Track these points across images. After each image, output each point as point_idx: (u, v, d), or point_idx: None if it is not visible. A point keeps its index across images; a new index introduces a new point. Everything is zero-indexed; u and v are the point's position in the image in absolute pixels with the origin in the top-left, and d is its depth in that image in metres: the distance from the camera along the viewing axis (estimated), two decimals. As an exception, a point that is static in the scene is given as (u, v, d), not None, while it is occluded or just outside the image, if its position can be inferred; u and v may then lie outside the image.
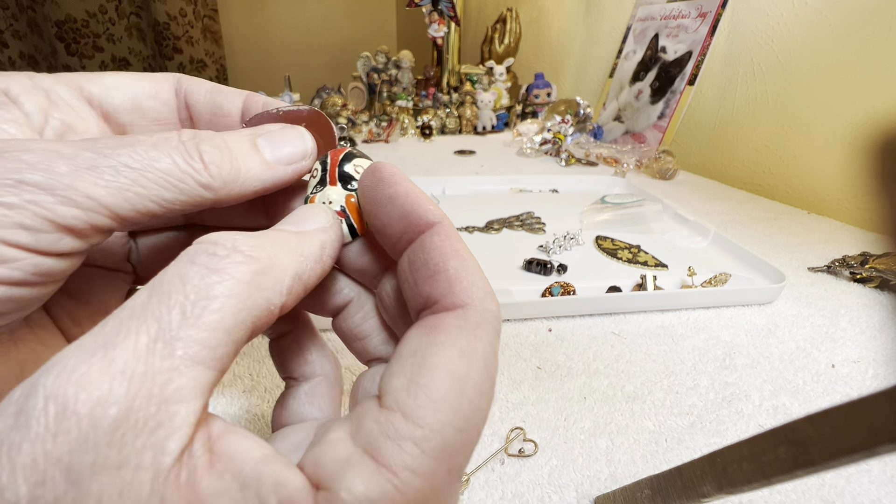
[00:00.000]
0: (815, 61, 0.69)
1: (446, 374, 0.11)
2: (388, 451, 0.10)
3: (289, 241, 0.12)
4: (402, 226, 0.14)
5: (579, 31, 1.26)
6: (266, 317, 0.11)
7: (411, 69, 1.24)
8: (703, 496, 0.16)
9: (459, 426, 0.10)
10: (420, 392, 0.10)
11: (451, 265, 0.12)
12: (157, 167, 0.12)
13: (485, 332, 0.12)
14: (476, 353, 0.11)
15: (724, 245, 0.50)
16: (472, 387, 0.11)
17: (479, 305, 0.12)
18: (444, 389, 0.10)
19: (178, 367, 0.09)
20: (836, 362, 0.34)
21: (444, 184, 0.70)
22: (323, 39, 2.27)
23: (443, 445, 0.10)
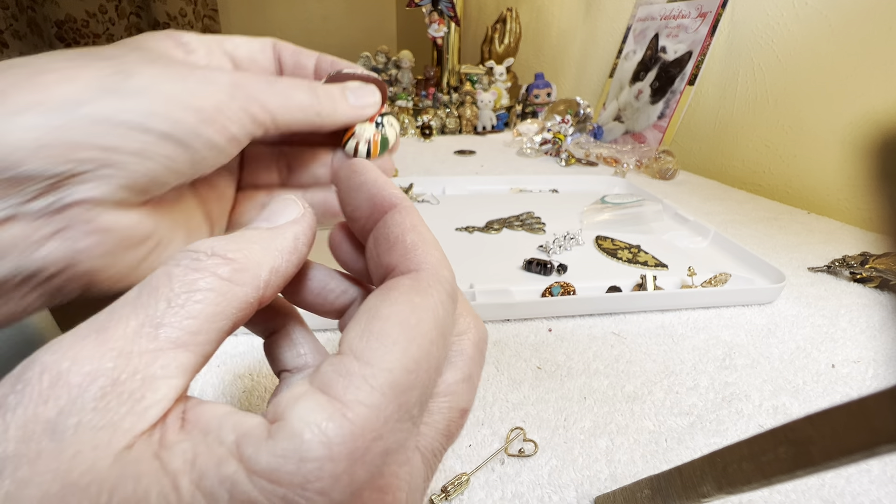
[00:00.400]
0: (815, 61, 0.69)
1: (397, 322, 0.12)
2: (338, 385, 0.10)
3: (263, 239, 0.14)
4: (369, 208, 0.15)
5: (579, 31, 1.26)
6: (246, 308, 0.12)
7: (411, 69, 1.24)
8: (703, 496, 0.16)
9: (409, 367, 0.11)
10: (371, 337, 0.11)
11: (409, 237, 0.14)
12: (298, 97, 0.18)
13: (436, 290, 0.13)
14: (426, 306, 0.12)
15: (724, 245, 0.50)
16: (422, 334, 0.12)
17: (431, 269, 0.13)
18: (394, 335, 0.11)
19: (163, 348, 0.10)
20: (836, 362, 0.34)
21: (444, 184, 0.70)
22: (323, 39, 2.27)
23: (391, 383, 0.11)
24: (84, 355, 0.10)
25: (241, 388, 0.30)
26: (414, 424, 0.12)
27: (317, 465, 0.09)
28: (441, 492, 0.23)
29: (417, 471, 0.12)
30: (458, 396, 0.14)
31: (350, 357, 0.11)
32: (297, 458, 0.09)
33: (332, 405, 0.10)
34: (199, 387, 0.30)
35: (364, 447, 0.10)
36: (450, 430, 0.14)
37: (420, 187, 0.69)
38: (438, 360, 0.12)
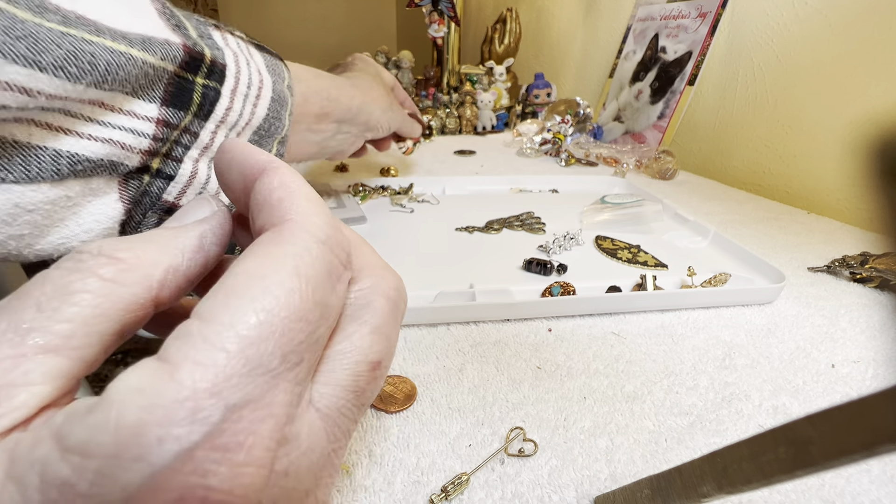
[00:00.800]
0: (815, 61, 0.69)
1: (245, 276, 0.11)
2: (171, 348, 0.10)
3: (163, 238, 0.13)
4: (241, 182, 0.14)
5: (579, 32, 1.26)
6: (136, 310, 0.12)
7: (411, 69, 1.24)
8: (703, 496, 0.16)
9: (259, 318, 0.10)
10: (218, 296, 0.10)
11: (276, 194, 0.13)
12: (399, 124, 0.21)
13: (300, 238, 0.12)
14: (284, 254, 0.11)
15: (723, 245, 0.50)
16: (277, 283, 0.11)
17: (297, 218, 0.12)
18: (240, 287, 0.10)
19: (26, 354, 0.10)
20: (836, 362, 0.34)
21: (444, 184, 0.70)
22: (323, 39, 2.28)
23: (234, 336, 0.10)
24: None
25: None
26: (279, 377, 0.10)
27: (132, 430, 0.08)
28: (441, 491, 0.23)
29: (314, 429, 0.11)
30: (363, 349, 0.13)
31: (192, 319, 0.10)
32: (111, 426, 0.08)
33: (158, 368, 0.09)
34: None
35: (193, 405, 0.09)
36: (358, 386, 0.13)
37: (420, 187, 0.69)
38: (307, 309, 0.11)
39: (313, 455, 0.11)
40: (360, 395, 0.13)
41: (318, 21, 2.25)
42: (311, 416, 0.11)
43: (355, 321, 0.13)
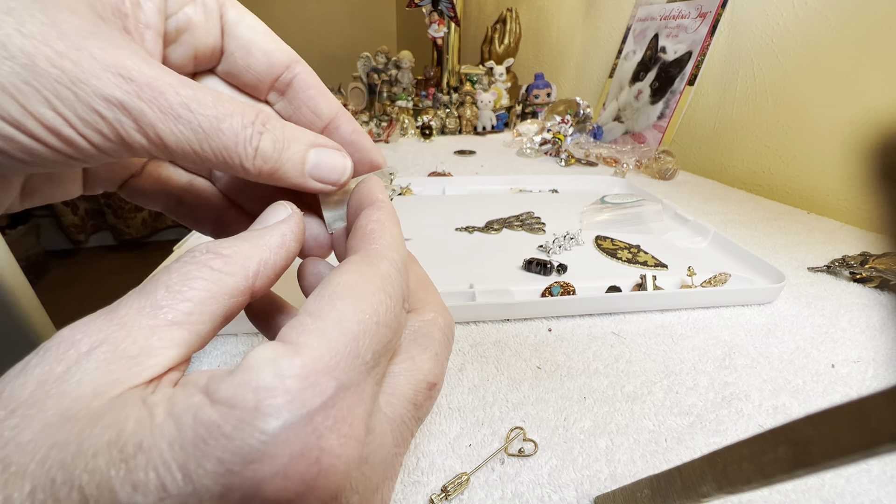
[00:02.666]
0: (815, 61, 0.69)
1: (344, 283, 0.13)
2: (291, 334, 0.12)
3: (252, 237, 0.15)
4: (357, 208, 0.17)
5: (579, 32, 1.26)
6: (237, 295, 0.14)
7: (411, 69, 1.25)
8: (703, 496, 0.16)
9: (358, 318, 0.12)
10: (322, 297, 0.13)
11: (371, 226, 0.16)
12: (220, 139, 0.15)
13: (383, 264, 0.14)
14: (373, 273, 0.14)
15: (723, 245, 0.50)
16: (370, 293, 0.13)
17: (381, 248, 0.15)
18: (343, 291, 0.13)
19: (160, 325, 0.12)
20: (836, 362, 0.34)
21: (444, 184, 0.70)
22: (323, 39, 2.28)
23: (341, 329, 0.12)
24: (94, 328, 0.11)
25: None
26: (368, 372, 0.12)
27: (268, 391, 0.10)
28: (441, 491, 0.23)
29: (384, 429, 0.13)
30: (423, 369, 0.15)
31: (303, 314, 0.12)
32: (252, 386, 0.11)
33: (284, 346, 0.11)
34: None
35: (314, 378, 0.11)
36: (417, 400, 0.15)
37: (420, 187, 0.69)
38: (389, 319, 0.13)
39: (383, 451, 0.13)
40: (418, 408, 0.15)
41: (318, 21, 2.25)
42: (381, 417, 0.13)
43: (418, 345, 0.16)
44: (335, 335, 0.12)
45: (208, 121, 0.14)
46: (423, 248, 0.49)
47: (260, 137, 0.15)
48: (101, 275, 1.89)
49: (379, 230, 0.16)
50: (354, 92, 1.28)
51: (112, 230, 2.06)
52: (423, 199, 0.65)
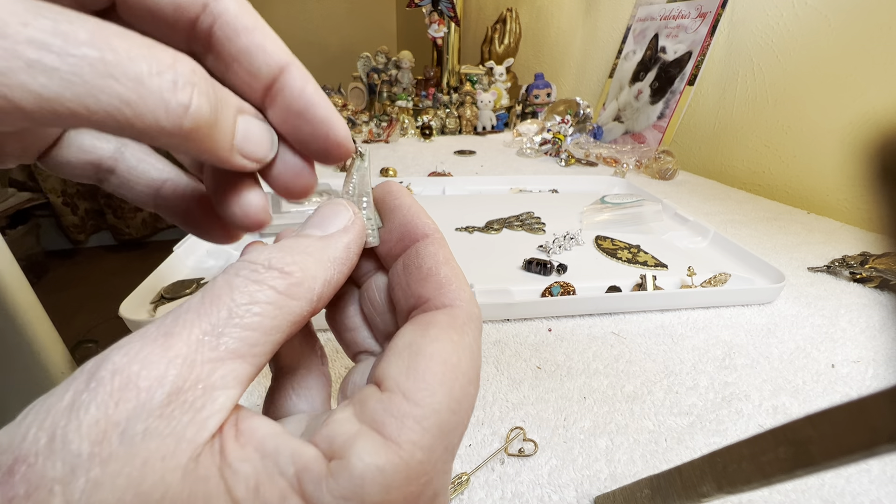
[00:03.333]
0: (815, 61, 0.69)
1: (440, 362, 0.12)
2: (392, 426, 0.11)
3: (316, 249, 0.13)
4: (400, 233, 0.16)
5: (579, 32, 1.26)
6: (299, 322, 0.12)
7: (411, 69, 1.25)
8: (703, 496, 0.16)
9: (453, 408, 0.12)
10: (418, 376, 0.12)
11: (443, 271, 0.14)
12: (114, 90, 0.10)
13: (470, 328, 0.14)
14: (465, 345, 0.13)
15: (723, 245, 0.50)
16: (463, 374, 0.12)
17: (465, 306, 0.14)
18: (439, 375, 0.12)
19: (223, 358, 0.11)
20: (836, 362, 0.34)
21: (444, 184, 0.70)
22: (323, 39, 2.28)
23: (439, 424, 0.11)
24: (152, 360, 0.10)
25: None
26: (453, 460, 0.12)
27: (379, 499, 0.10)
28: (441, 492, 0.23)
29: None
30: None
31: (399, 396, 0.12)
32: (358, 500, 0.10)
33: (388, 447, 0.11)
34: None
35: (418, 491, 0.11)
36: None
37: (420, 187, 0.69)
38: (475, 399, 0.13)
39: None
40: None
41: (318, 21, 2.25)
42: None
43: None
44: (435, 431, 0.11)
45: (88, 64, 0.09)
46: (423, 248, 0.49)
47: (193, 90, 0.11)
48: (101, 275, 1.89)
49: (454, 278, 0.14)
50: (354, 92, 1.28)
51: (112, 230, 2.06)
52: (423, 199, 0.65)
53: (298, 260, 0.13)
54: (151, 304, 0.38)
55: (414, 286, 0.15)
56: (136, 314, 0.36)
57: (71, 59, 0.09)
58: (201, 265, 0.45)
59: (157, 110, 0.10)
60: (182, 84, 0.11)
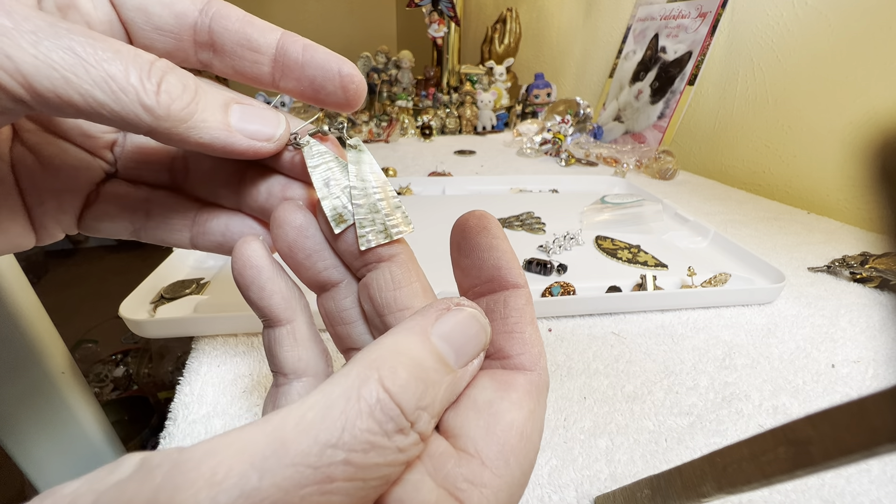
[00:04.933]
0: (815, 61, 0.69)
1: (518, 433, 0.13)
2: (471, 495, 0.11)
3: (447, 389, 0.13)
4: (489, 275, 0.15)
5: (579, 31, 1.26)
6: None
7: (411, 69, 1.24)
8: (703, 496, 0.16)
9: (522, 482, 0.12)
10: (497, 443, 0.12)
11: (528, 330, 0.15)
12: (105, 68, 0.11)
13: (544, 398, 0.14)
14: (538, 417, 0.13)
15: (723, 245, 0.50)
16: (534, 447, 0.13)
17: (542, 374, 0.14)
18: (516, 447, 0.12)
19: None
20: (836, 362, 0.34)
21: (444, 184, 0.70)
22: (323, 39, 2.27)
23: (509, 494, 0.12)
24: None
25: (241, 387, 0.30)
26: None
27: None
28: (441, 492, 0.23)
29: None
30: None
31: (477, 462, 0.12)
32: None
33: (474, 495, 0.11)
34: (199, 387, 0.30)
35: None
36: None
37: (420, 187, 0.69)
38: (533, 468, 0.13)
39: None
40: None
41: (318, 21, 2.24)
42: None
43: None
44: (504, 500, 0.12)
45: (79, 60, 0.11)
46: (424, 248, 0.49)
47: (162, 76, 0.12)
48: (101, 275, 1.89)
49: (537, 342, 0.14)
50: (354, 92, 1.28)
51: (112, 230, 2.06)
52: (423, 199, 0.65)
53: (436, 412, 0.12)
54: (151, 304, 0.38)
55: (496, 336, 0.15)
56: (136, 314, 0.36)
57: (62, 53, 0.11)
58: (201, 265, 0.45)
59: (139, 86, 0.11)
60: (155, 70, 0.12)
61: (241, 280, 0.15)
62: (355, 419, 0.10)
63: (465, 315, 0.13)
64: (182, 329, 0.34)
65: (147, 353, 1.16)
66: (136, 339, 1.23)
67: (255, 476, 0.09)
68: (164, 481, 0.08)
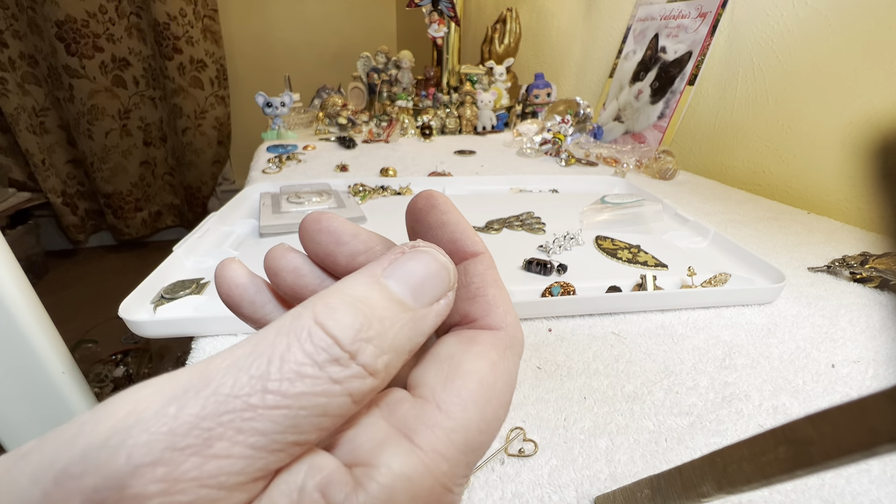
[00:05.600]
0: (815, 61, 0.69)
1: (478, 380, 0.12)
2: (423, 434, 0.11)
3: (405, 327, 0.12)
4: (447, 250, 0.15)
5: (579, 32, 1.26)
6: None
7: (411, 69, 1.24)
8: (703, 496, 0.16)
9: (482, 428, 0.12)
10: (454, 390, 0.12)
11: (491, 292, 0.14)
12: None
13: (512, 353, 0.14)
14: (504, 369, 0.13)
15: (723, 245, 0.50)
16: (497, 396, 0.12)
17: (510, 331, 0.14)
18: (475, 392, 0.12)
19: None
20: (836, 362, 0.34)
21: (444, 184, 0.70)
22: (323, 39, 2.27)
23: (466, 440, 0.11)
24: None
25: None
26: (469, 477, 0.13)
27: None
28: (441, 492, 0.23)
29: None
30: None
31: (433, 406, 0.12)
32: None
33: (416, 455, 0.11)
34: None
35: (437, 500, 0.11)
36: None
37: (420, 187, 0.69)
38: (503, 422, 0.13)
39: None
40: None
41: (318, 21, 2.24)
42: None
43: None
44: (461, 446, 0.11)
45: None
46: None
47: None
48: (101, 275, 1.89)
49: (502, 301, 0.14)
50: (354, 92, 1.28)
51: (112, 230, 2.06)
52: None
53: (387, 347, 0.11)
54: (151, 303, 0.38)
55: (460, 304, 0.14)
56: (136, 314, 0.36)
57: None
58: (201, 265, 0.45)
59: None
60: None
61: (231, 300, 0.16)
62: (283, 351, 0.10)
63: (420, 254, 0.13)
64: (182, 329, 0.34)
65: (147, 353, 1.17)
66: (136, 339, 1.23)
67: (174, 407, 0.09)
68: (90, 415, 0.09)
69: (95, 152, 1.83)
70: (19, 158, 1.77)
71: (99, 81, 1.74)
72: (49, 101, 1.77)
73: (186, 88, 1.85)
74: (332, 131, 1.12)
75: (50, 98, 1.76)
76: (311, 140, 1.04)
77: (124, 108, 1.84)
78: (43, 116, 1.77)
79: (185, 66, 1.83)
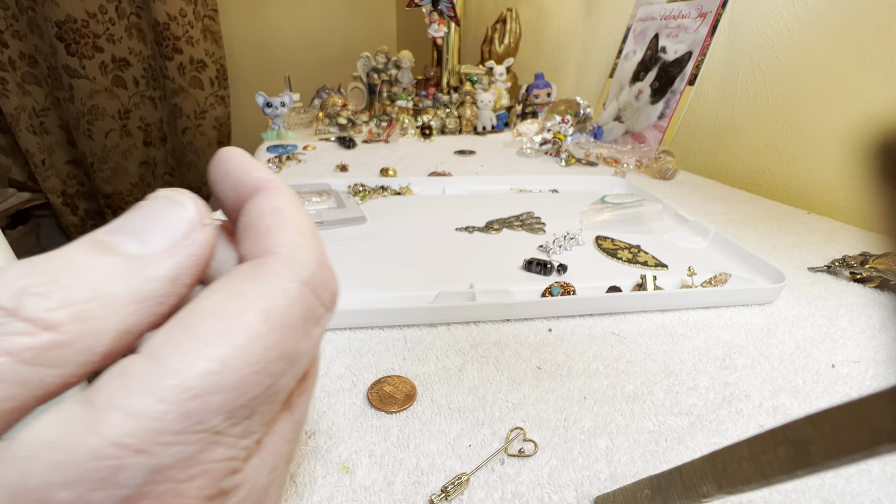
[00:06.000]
0: (815, 61, 0.69)
1: (210, 314, 0.09)
2: (105, 389, 0.08)
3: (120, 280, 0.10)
4: (234, 198, 0.12)
5: (579, 31, 1.26)
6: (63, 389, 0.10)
7: (411, 69, 1.24)
8: (703, 496, 0.16)
9: (213, 369, 0.09)
10: (174, 332, 0.09)
11: (265, 221, 0.11)
12: None
13: (281, 276, 0.10)
14: (259, 294, 0.10)
15: (724, 245, 0.50)
16: (242, 326, 0.09)
17: (284, 253, 0.11)
18: (197, 327, 0.09)
19: None
20: (836, 362, 0.34)
21: (444, 184, 0.70)
22: (323, 39, 2.27)
23: (177, 386, 0.08)
24: None
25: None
26: (215, 436, 0.09)
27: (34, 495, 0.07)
28: (441, 492, 0.23)
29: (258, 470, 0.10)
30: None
31: (139, 356, 0.09)
32: (9, 488, 0.07)
33: (81, 415, 0.08)
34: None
35: (113, 465, 0.08)
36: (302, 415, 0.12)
37: (420, 187, 0.69)
38: (267, 361, 0.09)
39: (254, 494, 0.10)
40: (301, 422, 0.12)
41: (318, 21, 2.24)
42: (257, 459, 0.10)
43: None
44: (164, 393, 0.08)
45: None
46: (423, 248, 0.49)
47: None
48: (101, 275, 1.89)
49: (276, 225, 0.11)
50: (354, 92, 1.28)
51: (112, 230, 2.06)
52: (423, 199, 0.65)
53: (74, 298, 0.09)
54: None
55: (240, 249, 0.12)
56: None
57: None
58: (201, 265, 0.45)
59: None
60: None
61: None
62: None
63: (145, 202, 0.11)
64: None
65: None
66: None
67: None
68: None
69: (95, 152, 1.83)
70: (19, 159, 1.77)
71: (99, 81, 1.74)
72: (49, 101, 1.77)
73: (186, 88, 1.85)
74: (332, 131, 1.12)
75: (50, 98, 1.76)
76: (311, 140, 1.04)
77: (124, 109, 1.84)
78: (43, 116, 1.77)
79: (185, 67, 1.83)
